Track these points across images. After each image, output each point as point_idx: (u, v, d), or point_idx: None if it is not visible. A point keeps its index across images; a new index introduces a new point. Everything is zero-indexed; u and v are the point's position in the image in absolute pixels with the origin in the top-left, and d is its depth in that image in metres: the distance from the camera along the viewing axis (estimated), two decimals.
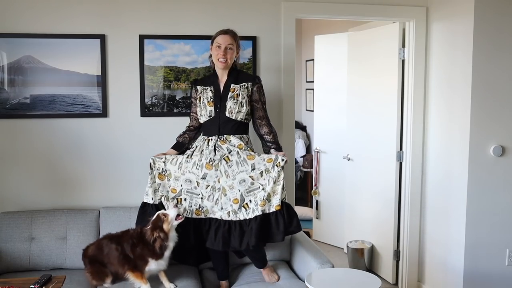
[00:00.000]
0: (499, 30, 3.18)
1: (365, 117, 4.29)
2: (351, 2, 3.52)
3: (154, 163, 2.92)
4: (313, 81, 5.45)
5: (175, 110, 3.39)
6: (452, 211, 3.40)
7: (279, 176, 2.80)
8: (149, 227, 2.70)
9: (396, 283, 3.99)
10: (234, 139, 2.87)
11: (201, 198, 2.87)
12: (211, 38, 3.38)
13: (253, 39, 3.41)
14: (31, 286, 2.36)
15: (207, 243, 2.85)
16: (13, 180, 3.25)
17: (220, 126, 2.87)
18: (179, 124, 3.37)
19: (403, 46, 3.77)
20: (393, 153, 3.87)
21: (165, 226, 2.68)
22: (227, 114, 2.86)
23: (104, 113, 3.30)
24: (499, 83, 3.22)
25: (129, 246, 2.72)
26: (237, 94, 2.87)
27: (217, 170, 2.83)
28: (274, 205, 2.79)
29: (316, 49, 5.12)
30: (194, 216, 2.87)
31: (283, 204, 2.81)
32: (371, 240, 4.24)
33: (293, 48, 3.49)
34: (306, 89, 6.66)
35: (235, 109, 2.85)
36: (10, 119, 3.21)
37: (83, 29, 3.23)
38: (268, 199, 2.79)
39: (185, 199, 2.89)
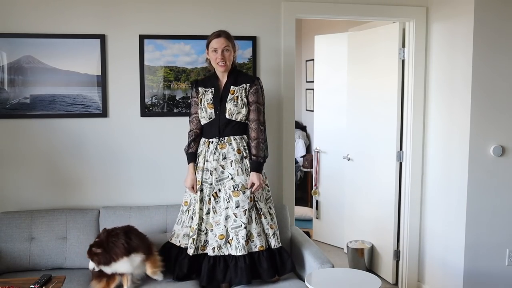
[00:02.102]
0: (499, 31, 3.18)
1: (365, 117, 4.29)
2: (351, 2, 3.52)
3: (190, 204, 2.95)
4: (313, 81, 5.45)
5: (175, 110, 3.39)
6: (452, 211, 3.40)
7: (259, 218, 2.88)
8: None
9: (396, 283, 3.99)
10: (234, 143, 2.87)
11: (205, 233, 2.89)
12: None
13: (253, 39, 3.41)
14: (31, 286, 2.36)
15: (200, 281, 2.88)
16: (13, 180, 3.25)
17: (220, 127, 2.87)
18: (179, 124, 3.38)
19: (403, 46, 3.77)
20: (393, 153, 3.87)
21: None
22: (227, 116, 2.85)
23: (104, 113, 3.29)
24: (499, 83, 3.22)
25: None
26: (236, 96, 2.86)
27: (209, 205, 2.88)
28: (258, 246, 2.84)
29: (316, 49, 5.12)
30: (200, 252, 2.89)
31: (273, 249, 2.89)
32: (371, 240, 4.24)
33: (293, 48, 3.49)
34: (306, 89, 6.66)
35: (235, 111, 2.85)
36: (10, 119, 3.21)
37: (83, 29, 3.23)
38: (251, 239, 2.84)
39: (194, 238, 2.89)
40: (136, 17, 3.28)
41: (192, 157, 2.97)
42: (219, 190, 2.86)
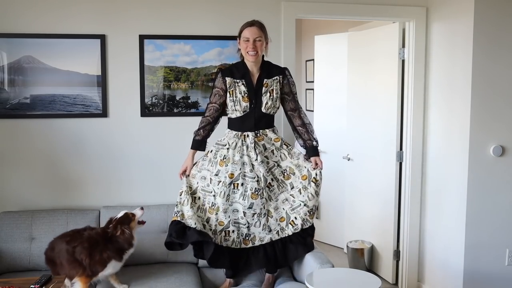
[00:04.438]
0: (499, 30, 3.18)
1: (365, 117, 4.29)
2: (351, 2, 3.52)
3: (191, 187, 2.89)
4: (313, 81, 5.45)
5: (175, 110, 3.39)
6: (452, 211, 3.40)
7: (316, 191, 2.91)
8: (113, 224, 2.69)
9: (396, 283, 3.99)
10: (270, 133, 2.89)
11: (248, 227, 2.86)
12: (211, 38, 3.38)
13: None
14: (31, 286, 2.36)
15: (254, 268, 2.92)
16: (13, 180, 3.25)
17: (256, 121, 2.84)
18: (179, 124, 3.38)
19: (403, 46, 3.77)
20: (393, 153, 3.87)
21: (132, 224, 2.72)
22: (263, 110, 2.83)
23: (104, 113, 3.30)
24: (499, 83, 3.22)
25: (84, 249, 2.59)
26: (271, 89, 2.85)
27: (263, 198, 2.84)
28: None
29: (316, 49, 5.12)
30: (243, 246, 2.88)
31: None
32: (371, 240, 4.24)
33: (293, 48, 3.49)
34: (306, 89, 6.65)
35: (271, 105, 2.84)
36: (10, 119, 3.21)
37: (83, 29, 3.23)
38: (311, 212, 2.92)
39: (233, 231, 2.87)
40: (136, 17, 3.29)
41: (197, 144, 2.91)
42: (272, 179, 2.88)
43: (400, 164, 3.87)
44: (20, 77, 3.19)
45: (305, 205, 2.88)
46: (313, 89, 5.57)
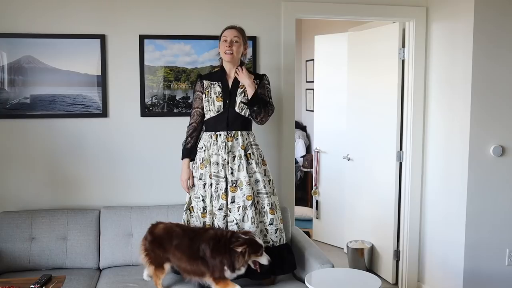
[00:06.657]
0: (499, 30, 3.18)
1: (365, 117, 4.29)
2: (351, 2, 3.52)
3: (193, 207, 2.91)
4: (313, 81, 5.45)
5: (175, 110, 3.39)
6: (452, 211, 3.40)
7: (260, 216, 2.85)
8: (244, 242, 2.55)
9: (396, 283, 3.99)
10: (241, 138, 2.85)
11: None
12: (211, 38, 3.38)
13: (253, 39, 3.41)
14: (31, 286, 2.36)
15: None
16: (13, 179, 3.25)
17: (229, 121, 2.85)
18: (179, 124, 3.38)
19: (403, 46, 3.78)
20: (393, 153, 3.87)
21: (253, 256, 2.58)
22: (236, 109, 2.85)
23: (104, 113, 3.30)
24: (499, 82, 3.22)
25: (209, 249, 2.58)
26: (246, 91, 2.86)
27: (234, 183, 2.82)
28: None
29: (316, 49, 5.12)
30: None
31: (272, 247, 2.86)
32: (371, 240, 4.24)
33: (293, 48, 3.49)
34: (306, 89, 6.66)
35: (245, 106, 2.84)
36: (10, 119, 3.21)
37: (83, 29, 3.23)
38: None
39: None
40: (136, 17, 3.29)
41: (188, 152, 2.94)
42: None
43: (400, 164, 3.87)
44: (20, 77, 3.19)
45: (236, 224, 2.80)
46: (313, 89, 5.58)
